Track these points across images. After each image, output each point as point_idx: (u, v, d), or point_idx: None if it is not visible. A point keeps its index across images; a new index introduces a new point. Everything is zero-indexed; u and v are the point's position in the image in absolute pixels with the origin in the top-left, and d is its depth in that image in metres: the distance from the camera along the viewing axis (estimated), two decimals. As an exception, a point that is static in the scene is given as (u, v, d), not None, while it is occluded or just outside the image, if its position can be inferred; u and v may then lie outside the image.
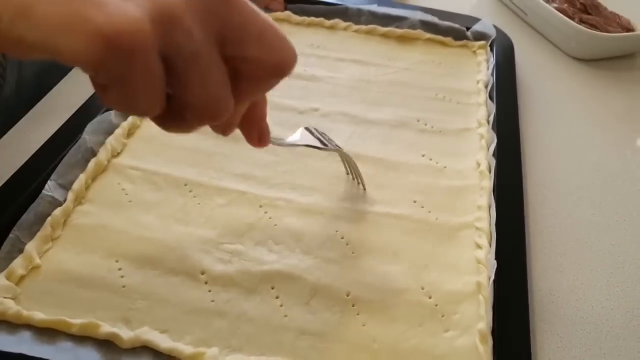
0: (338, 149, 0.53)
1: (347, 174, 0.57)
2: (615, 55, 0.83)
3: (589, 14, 0.88)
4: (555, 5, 0.87)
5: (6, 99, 0.67)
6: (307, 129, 0.52)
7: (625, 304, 0.50)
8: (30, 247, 0.45)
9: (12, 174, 0.51)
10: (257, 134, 0.40)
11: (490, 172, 0.56)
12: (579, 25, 0.79)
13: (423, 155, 0.60)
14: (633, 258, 0.54)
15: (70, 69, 0.68)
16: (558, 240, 0.55)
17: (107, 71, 0.24)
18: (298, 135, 0.51)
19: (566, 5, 0.88)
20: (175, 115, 0.28)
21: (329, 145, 0.52)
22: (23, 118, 0.61)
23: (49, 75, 0.69)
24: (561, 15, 0.81)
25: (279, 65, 0.29)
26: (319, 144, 0.51)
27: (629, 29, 0.85)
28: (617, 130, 0.70)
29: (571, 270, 0.52)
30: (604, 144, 0.68)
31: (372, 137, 0.62)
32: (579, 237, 0.55)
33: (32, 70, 0.70)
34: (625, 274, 0.52)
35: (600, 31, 0.82)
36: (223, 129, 0.35)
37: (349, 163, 0.56)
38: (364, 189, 0.55)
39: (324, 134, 0.53)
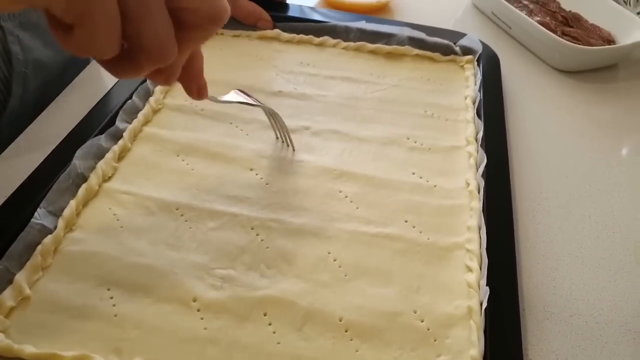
0: (263, 105, 0.59)
1: (277, 138, 0.62)
2: (598, 66, 0.84)
3: (570, 26, 0.89)
4: (538, 18, 0.88)
5: (11, 111, 0.67)
6: (239, 90, 0.58)
7: (619, 319, 0.50)
8: (20, 277, 0.45)
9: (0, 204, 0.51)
10: (196, 88, 0.44)
11: (479, 192, 0.56)
12: (561, 39, 0.80)
13: (413, 173, 0.60)
14: (624, 271, 0.54)
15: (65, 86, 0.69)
16: (550, 255, 0.55)
17: (74, 11, 0.28)
18: (232, 95, 0.57)
19: (548, 18, 0.89)
20: (127, 59, 0.32)
21: (257, 103, 0.58)
22: (8, 147, 0.60)
23: (52, 88, 0.70)
24: (544, 29, 0.82)
25: (214, 14, 0.33)
26: (250, 101, 0.57)
27: (609, 40, 0.86)
28: (603, 142, 0.71)
29: (564, 286, 0.52)
30: (591, 156, 0.68)
31: (363, 154, 0.62)
32: (570, 252, 0.56)
33: (36, 84, 0.70)
34: (617, 288, 0.52)
35: (582, 43, 0.83)
36: (166, 77, 0.37)
37: (276, 121, 0.60)
38: (293, 149, 0.60)
39: (252, 96, 0.59)
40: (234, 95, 0.57)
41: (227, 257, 0.50)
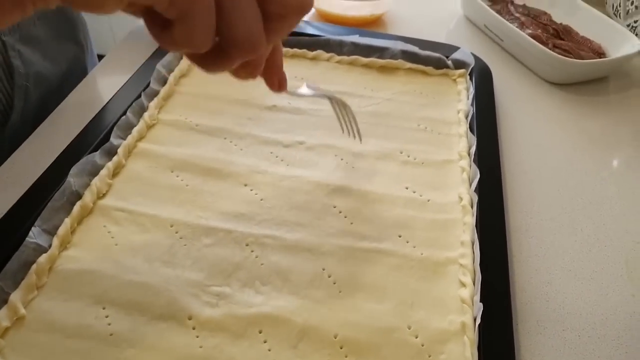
0: (335, 97, 0.60)
1: (342, 131, 0.62)
2: (589, 79, 0.85)
3: (561, 39, 0.90)
4: (530, 31, 0.89)
5: (13, 125, 0.68)
6: (308, 85, 0.60)
7: (611, 333, 0.50)
8: (15, 297, 0.45)
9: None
10: (278, 80, 0.46)
11: (472, 207, 0.56)
12: (552, 52, 0.81)
13: (407, 188, 0.60)
14: (615, 284, 0.55)
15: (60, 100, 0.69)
16: (543, 269, 0.55)
17: (178, 6, 0.29)
18: (304, 89, 0.59)
19: (540, 30, 0.90)
20: (219, 52, 0.33)
21: (329, 95, 0.60)
22: (2, 165, 0.60)
23: (52, 101, 0.70)
24: (535, 42, 0.83)
25: (300, 4, 0.34)
26: (323, 94, 0.59)
27: (600, 53, 0.87)
28: (594, 154, 0.72)
29: (557, 300, 0.52)
30: (582, 169, 0.69)
31: (357, 169, 0.62)
32: (563, 265, 0.56)
33: (36, 97, 0.71)
34: (609, 302, 0.53)
35: (573, 56, 0.84)
36: (251, 70, 0.39)
37: (346, 113, 0.61)
38: (360, 140, 0.62)
39: (320, 87, 0.61)
40: (306, 89, 0.59)
41: (222, 274, 0.50)
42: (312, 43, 0.80)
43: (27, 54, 0.68)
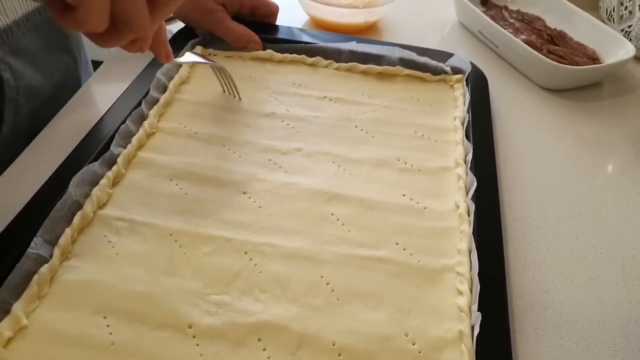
0: (213, 63, 0.70)
1: (224, 91, 0.73)
2: (583, 84, 0.86)
3: (556, 44, 0.91)
4: (524, 37, 0.90)
5: (4, 138, 0.68)
6: (193, 52, 0.74)
7: (608, 340, 0.51)
8: (17, 307, 0.45)
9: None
10: (165, 52, 0.54)
11: (469, 215, 0.57)
12: (547, 59, 0.81)
13: (404, 195, 0.61)
14: (612, 291, 0.55)
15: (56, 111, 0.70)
16: (540, 276, 0.56)
17: None
18: (187, 56, 0.71)
19: (534, 36, 0.91)
20: (113, 30, 0.39)
21: (208, 62, 0.70)
22: (2, 175, 0.61)
23: (44, 113, 0.70)
24: (530, 48, 0.83)
25: None
26: (203, 60, 0.70)
27: (594, 58, 0.88)
28: (589, 160, 0.72)
29: (554, 307, 0.53)
30: (577, 175, 0.70)
31: (354, 176, 0.63)
32: (559, 273, 0.57)
33: (28, 109, 0.71)
34: (605, 309, 0.53)
35: (568, 61, 0.84)
36: (140, 45, 0.46)
37: (224, 76, 0.71)
38: (240, 99, 0.72)
39: (204, 56, 0.73)
40: (188, 57, 0.71)
41: (221, 283, 0.50)
42: (309, 50, 0.81)
43: (17, 67, 0.68)
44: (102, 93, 0.74)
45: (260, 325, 0.47)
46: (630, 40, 0.93)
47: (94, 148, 0.60)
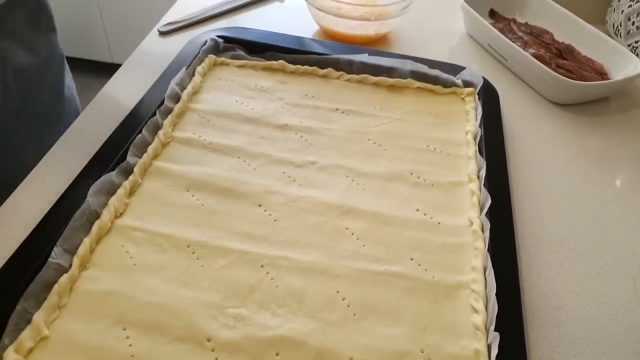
0: None
1: None
2: (591, 99, 0.87)
3: (564, 58, 0.92)
4: (533, 50, 0.91)
5: None
6: None
7: (622, 357, 0.51)
8: (38, 317, 0.46)
9: (20, 244, 0.51)
10: None
11: (483, 232, 0.57)
12: (556, 74, 0.82)
13: (417, 210, 0.61)
14: (624, 309, 0.56)
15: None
16: (553, 293, 0.57)
17: None
18: None
19: (543, 50, 0.91)
20: None
21: None
22: (23, 182, 0.61)
23: (32, 91, 0.73)
24: (540, 63, 0.84)
25: None
26: None
27: (602, 73, 0.89)
28: (598, 176, 0.73)
29: (568, 325, 0.54)
30: (587, 191, 0.70)
31: (368, 190, 0.63)
32: (572, 289, 0.57)
33: (16, 89, 0.72)
34: (618, 327, 0.54)
35: (576, 76, 0.85)
36: None
37: None
38: None
39: None
40: None
41: (239, 296, 0.51)
42: (321, 61, 0.81)
43: (4, 46, 0.69)
44: (115, 103, 0.74)
45: (278, 340, 0.47)
46: (637, 55, 0.94)
47: (112, 157, 0.61)
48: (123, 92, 0.76)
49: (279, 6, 1.03)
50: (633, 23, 0.98)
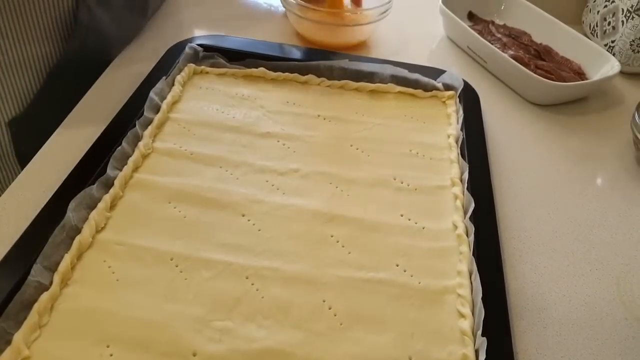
0: None
1: None
2: (571, 100, 0.88)
3: (542, 59, 0.92)
4: (512, 52, 0.91)
5: (57, 68, 0.78)
6: None
7: (608, 357, 0.52)
8: (18, 337, 0.45)
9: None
10: None
11: (468, 236, 0.58)
12: (536, 75, 0.82)
13: (402, 215, 0.61)
14: (609, 308, 0.56)
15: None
16: (539, 295, 0.57)
17: None
18: None
19: (521, 52, 0.92)
20: None
21: None
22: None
23: (98, 62, 0.82)
24: (518, 64, 0.85)
25: None
26: None
27: (580, 73, 0.90)
28: (579, 175, 0.74)
29: (554, 326, 0.54)
30: (570, 190, 0.71)
31: (352, 197, 0.63)
32: (557, 290, 0.57)
33: (91, 48, 0.80)
34: (604, 327, 0.54)
35: (555, 76, 0.86)
36: None
37: None
38: None
39: None
40: None
41: (224, 308, 0.50)
42: (302, 68, 0.81)
43: (97, 13, 0.75)
44: (93, 115, 0.73)
45: (265, 352, 0.47)
46: (614, 55, 0.95)
47: (92, 170, 0.60)
48: (102, 103, 0.75)
49: (259, 13, 1.02)
50: (609, 23, 0.99)
